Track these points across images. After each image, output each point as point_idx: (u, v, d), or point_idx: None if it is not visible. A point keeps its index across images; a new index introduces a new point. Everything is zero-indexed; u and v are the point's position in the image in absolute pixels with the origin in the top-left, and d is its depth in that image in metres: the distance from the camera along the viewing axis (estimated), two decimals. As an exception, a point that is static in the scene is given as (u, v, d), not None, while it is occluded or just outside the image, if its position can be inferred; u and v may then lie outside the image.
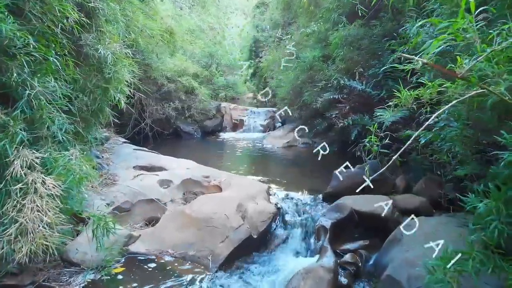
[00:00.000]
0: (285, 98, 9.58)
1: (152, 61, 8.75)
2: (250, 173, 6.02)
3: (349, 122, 5.55)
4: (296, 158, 7.52)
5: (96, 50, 4.06)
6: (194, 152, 8.02)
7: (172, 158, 5.85)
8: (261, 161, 7.00)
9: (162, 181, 4.81)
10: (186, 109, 9.70)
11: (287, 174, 5.99)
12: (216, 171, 5.34)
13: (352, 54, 6.46)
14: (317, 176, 5.72)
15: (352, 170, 4.53)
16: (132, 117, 9.14)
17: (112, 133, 6.94)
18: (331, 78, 6.62)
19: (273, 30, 13.21)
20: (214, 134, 10.81)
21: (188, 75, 9.59)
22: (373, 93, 5.71)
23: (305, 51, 8.31)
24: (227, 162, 7.11)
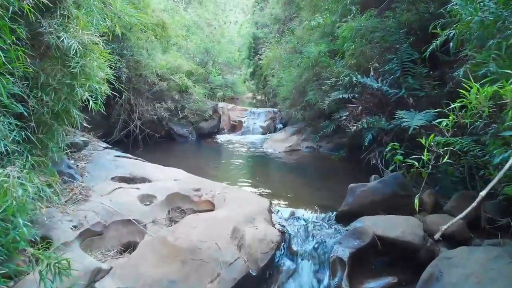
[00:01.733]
0: (287, 98, 8.83)
1: (142, 58, 7.98)
2: (248, 183, 5.26)
3: (363, 125, 4.78)
4: (301, 164, 6.76)
5: (60, 39, 3.30)
6: (187, 157, 7.27)
7: (158, 167, 5.09)
8: (261, 169, 6.24)
9: (143, 197, 4.05)
10: (179, 109, 8.93)
11: (291, 184, 5.23)
12: (208, 183, 4.58)
13: (365, 48, 5.70)
14: (327, 187, 4.96)
15: (371, 184, 3.78)
16: (120, 118, 8.39)
17: (93, 138, 6.17)
18: (341, 75, 5.86)
19: (273, 26, 12.44)
20: (211, 136, 10.05)
21: (182, 72, 8.82)
22: (390, 92, 4.95)
23: (309, 46, 7.55)
24: (223, 170, 6.35)
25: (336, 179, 5.39)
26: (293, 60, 8.77)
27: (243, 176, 5.66)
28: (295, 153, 7.68)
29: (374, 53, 5.70)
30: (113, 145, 8.15)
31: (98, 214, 3.63)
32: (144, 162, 5.43)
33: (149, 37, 8.50)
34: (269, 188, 4.91)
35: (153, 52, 8.15)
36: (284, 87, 8.73)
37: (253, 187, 5.07)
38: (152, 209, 3.86)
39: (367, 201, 3.68)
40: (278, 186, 5.07)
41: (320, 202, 4.26)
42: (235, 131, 11.00)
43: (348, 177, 5.46)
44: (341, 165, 6.27)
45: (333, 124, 6.34)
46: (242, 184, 5.22)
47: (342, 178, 5.44)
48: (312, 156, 7.46)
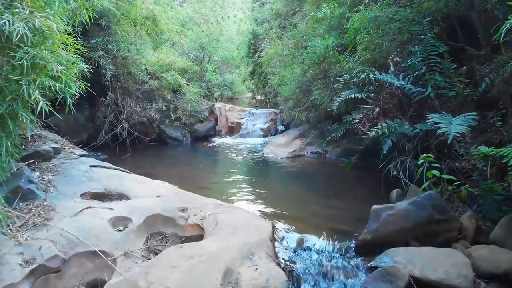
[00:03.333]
0: (290, 98, 8.08)
1: (130, 53, 7.21)
2: (246, 197, 4.49)
3: (384, 130, 4.02)
4: (306, 173, 6.00)
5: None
6: (179, 164, 6.51)
7: (140, 179, 4.33)
8: (262, 178, 5.48)
9: (117, 219, 3.28)
10: (172, 110, 8.16)
11: (297, 199, 4.46)
12: (198, 200, 3.82)
13: (381, 40, 4.94)
14: (340, 204, 4.20)
15: (401, 207, 3.01)
16: (106, 120, 7.63)
17: (69, 143, 5.40)
18: (353, 71, 5.10)
19: (274, 21, 11.69)
20: (207, 139, 9.29)
21: (175, 70, 8.05)
22: (414, 91, 4.19)
23: (314, 40, 6.79)
24: (218, 179, 5.58)
25: (350, 192, 4.63)
26: (296, 57, 8.03)
27: (240, 188, 4.90)
28: (299, 159, 6.92)
29: (392, 46, 4.95)
30: (98, 149, 7.41)
31: (57, 244, 2.87)
32: (125, 172, 4.67)
33: (138, 31, 7.75)
34: (271, 205, 4.15)
35: (142, 48, 7.39)
36: (286, 86, 7.98)
37: (252, 202, 4.31)
38: (126, 236, 3.09)
39: (396, 228, 2.92)
40: (282, 202, 4.30)
41: (334, 224, 3.50)
42: (233, 133, 10.25)
43: (363, 190, 4.71)
44: (352, 174, 5.51)
45: (343, 127, 5.58)
46: (239, 198, 4.46)
47: (356, 191, 4.69)
48: (318, 162, 6.70)
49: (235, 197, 4.47)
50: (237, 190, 4.80)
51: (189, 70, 8.36)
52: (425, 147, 4.30)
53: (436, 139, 4.09)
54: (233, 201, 4.29)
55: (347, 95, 5.12)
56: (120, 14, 7.38)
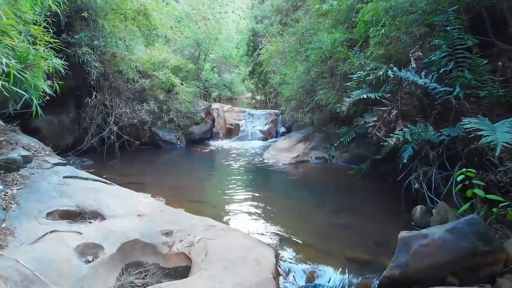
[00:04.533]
0: (292, 98, 7.49)
1: (118, 50, 6.61)
2: (244, 214, 3.88)
3: (406, 136, 3.43)
4: (311, 182, 5.40)
5: None
6: (170, 171, 5.91)
7: (122, 192, 3.75)
8: (262, 189, 4.86)
9: (85, 247, 2.70)
10: (165, 111, 7.56)
11: (303, 216, 3.86)
12: (187, 219, 3.23)
13: (398, 33, 4.35)
14: (354, 222, 3.60)
15: (437, 235, 2.42)
16: (93, 123, 7.02)
17: (43, 150, 4.79)
18: (366, 68, 4.51)
19: (275, 17, 11.09)
20: (203, 142, 8.69)
21: (167, 68, 7.46)
22: (440, 91, 3.60)
23: (319, 35, 6.19)
24: (212, 191, 4.97)
25: (363, 207, 4.04)
26: (299, 53, 7.43)
27: (237, 201, 4.30)
28: (303, 165, 6.33)
29: (410, 39, 4.36)
30: (84, 154, 6.81)
31: (8, 281, 2.29)
32: (106, 184, 4.08)
33: (127, 26, 7.15)
34: (273, 223, 3.55)
35: (132, 44, 6.78)
36: (288, 86, 7.39)
37: (250, 220, 3.71)
38: (94, 271, 2.50)
39: (430, 262, 2.33)
40: (286, 219, 3.70)
41: (349, 251, 2.90)
42: (231, 135, 9.65)
43: (378, 204, 4.12)
44: (364, 184, 4.92)
45: (353, 131, 4.98)
46: (236, 215, 3.85)
47: (370, 205, 4.09)
48: (323, 169, 6.10)
49: (231, 213, 3.87)
50: (233, 203, 4.20)
51: (183, 68, 7.77)
52: (452, 156, 3.71)
53: (466, 147, 3.51)
54: (228, 219, 3.68)
55: (358, 96, 4.52)
56: (109, 8, 6.80)
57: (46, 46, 4.01)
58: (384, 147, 3.52)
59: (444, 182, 3.59)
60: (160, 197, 4.23)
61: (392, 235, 3.18)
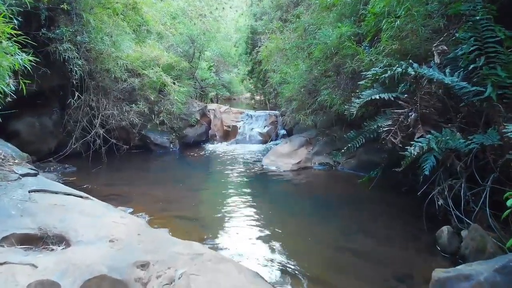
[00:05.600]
0: (293, 99, 6.95)
1: (104, 46, 6.06)
2: (240, 238, 3.31)
3: (432, 145, 2.89)
4: (316, 193, 4.84)
5: None
6: (159, 180, 5.34)
7: (96, 209, 3.20)
8: (261, 202, 4.29)
9: (39, 286, 2.15)
10: (156, 113, 7.02)
11: (309, 237, 3.31)
12: (169, 244, 2.69)
13: (415, 25, 3.81)
14: (367, 247, 3.05)
15: (482, 276, 1.88)
16: (78, 125, 6.48)
17: (11, 158, 4.25)
18: (378, 65, 3.97)
19: (275, 13, 10.55)
20: (198, 146, 8.15)
21: (159, 66, 6.92)
22: (469, 91, 3.06)
23: (324, 30, 5.65)
24: (204, 204, 4.38)
25: (377, 226, 3.50)
26: (302, 49, 6.90)
27: (232, 217, 3.75)
28: (305, 172, 5.78)
29: (429, 32, 3.83)
30: (67, 160, 6.26)
31: None
32: (81, 197, 3.53)
33: (115, 21, 6.60)
34: (273, 248, 3.01)
35: (119, 40, 6.23)
36: (289, 85, 6.85)
37: (247, 244, 3.16)
38: (45, 320, 1.96)
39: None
40: (288, 244, 3.14)
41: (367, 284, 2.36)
42: (229, 138, 9.11)
43: (395, 221, 3.58)
44: (375, 196, 4.39)
45: (362, 136, 4.45)
46: (230, 237, 3.30)
47: (385, 223, 3.56)
48: (328, 177, 5.56)
49: (224, 235, 3.32)
50: (227, 221, 3.65)
51: (176, 67, 7.22)
52: (481, 167, 3.18)
53: (500, 157, 2.97)
54: (220, 243, 3.13)
55: (369, 96, 3.99)
56: (95, 1, 6.25)
57: (11, 40, 3.48)
58: (405, 158, 2.98)
59: (474, 198, 3.06)
60: (144, 213, 3.69)
61: (416, 266, 2.65)
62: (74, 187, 4.88)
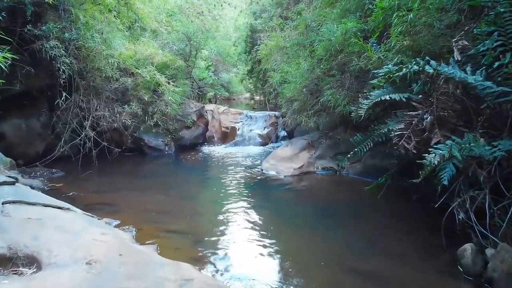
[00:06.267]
0: (294, 99, 6.62)
1: (94, 44, 5.72)
2: (236, 256, 2.95)
3: (454, 152, 2.55)
4: (320, 201, 4.49)
5: None
6: (151, 187, 4.97)
7: (74, 224, 2.86)
8: (260, 214, 3.87)
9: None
10: (150, 114, 6.68)
11: (315, 257, 2.97)
12: (154, 268, 2.36)
13: (430, 19, 3.48)
14: (384, 269, 2.70)
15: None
16: (68, 127, 6.13)
17: None
18: (389, 63, 3.64)
19: (275, 10, 10.21)
20: (194, 148, 7.81)
21: (153, 65, 6.58)
22: (494, 91, 2.73)
23: (327, 26, 5.31)
24: (197, 217, 3.91)
25: (389, 241, 3.15)
26: (304, 47, 6.57)
27: (228, 232, 3.38)
28: (308, 177, 5.45)
29: (443, 28, 3.50)
30: (56, 164, 5.90)
31: None
32: (59, 210, 3.18)
33: (107, 17, 6.27)
34: (274, 269, 2.67)
35: (110, 37, 5.89)
36: (290, 85, 6.52)
37: (244, 263, 2.82)
38: None
39: None
40: (292, 263, 2.77)
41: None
42: (227, 140, 8.78)
43: (408, 237, 3.24)
44: (383, 204, 4.07)
45: (370, 139, 4.11)
46: (225, 255, 2.96)
47: (398, 238, 3.21)
48: (332, 183, 5.23)
49: (219, 252, 2.97)
50: (223, 235, 3.31)
51: (171, 65, 6.88)
52: (505, 177, 2.85)
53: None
54: (214, 262, 2.77)
55: (378, 97, 3.65)
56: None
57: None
58: (424, 167, 2.65)
59: (500, 212, 2.73)
60: (131, 225, 3.34)
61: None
62: (59, 195, 4.55)
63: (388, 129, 3.56)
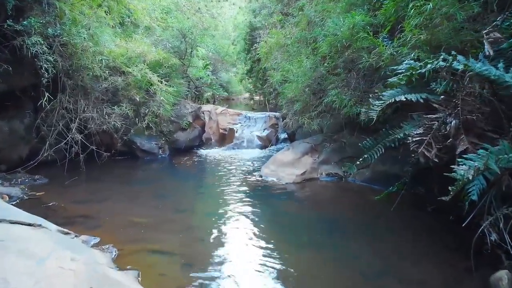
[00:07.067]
0: (296, 100, 6.20)
1: (79, 40, 5.30)
2: (232, 286, 2.55)
3: (491, 165, 2.14)
4: (325, 213, 4.06)
5: None
6: (140, 197, 4.53)
7: (41, 247, 2.46)
8: (259, 230, 3.42)
9: None
10: (142, 116, 6.26)
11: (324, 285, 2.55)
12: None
13: (452, 9, 3.07)
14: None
15: None
16: (53, 130, 5.71)
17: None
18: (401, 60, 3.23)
19: (275, 6, 9.79)
20: (190, 151, 7.39)
21: (145, 63, 6.16)
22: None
23: (333, 21, 4.89)
24: (188, 234, 3.38)
25: (408, 264, 2.73)
26: (304, 47, 6.16)
27: (224, 253, 2.95)
28: (311, 184, 5.03)
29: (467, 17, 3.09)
30: (39, 170, 5.44)
31: None
32: (29, 228, 2.78)
33: (95, 12, 5.85)
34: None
35: (97, 32, 5.47)
36: (292, 84, 6.10)
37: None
38: None
39: None
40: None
41: None
42: (225, 142, 8.36)
43: (428, 258, 2.82)
44: (398, 217, 3.66)
45: (381, 145, 3.70)
46: (218, 285, 2.53)
47: (417, 260, 2.79)
48: (338, 191, 4.81)
49: (212, 279, 2.55)
50: (217, 257, 2.88)
51: (165, 64, 6.46)
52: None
53: None
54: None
55: (392, 97, 3.24)
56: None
57: None
58: (456, 182, 2.23)
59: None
60: (112, 244, 2.92)
61: None
62: (38, 205, 4.13)
63: (404, 133, 3.14)
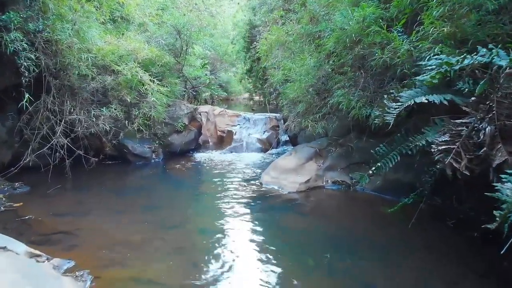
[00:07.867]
0: (299, 100, 5.78)
1: (64, 36, 4.88)
2: None
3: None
4: (334, 228, 3.62)
5: None
6: (127, 211, 4.07)
7: (1, 276, 2.02)
8: (260, 249, 3.00)
9: None
10: (133, 118, 5.84)
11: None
12: None
13: None
14: None
15: None
16: (37, 133, 5.30)
17: None
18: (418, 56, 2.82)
19: (276, 2, 9.37)
20: (185, 155, 6.97)
21: (137, 61, 5.74)
22: None
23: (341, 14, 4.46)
24: (176, 256, 2.87)
25: None
26: (307, 44, 5.74)
27: (216, 285, 2.54)
28: (316, 193, 4.60)
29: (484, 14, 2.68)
30: (21, 176, 5.00)
31: None
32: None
33: (83, 7, 5.43)
34: None
35: (83, 28, 5.04)
36: (294, 84, 5.68)
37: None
38: None
39: None
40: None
41: None
42: (223, 145, 7.94)
43: None
44: (416, 233, 3.24)
45: (397, 152, 3.28)
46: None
47: None
48: (346, 201, 4.38)
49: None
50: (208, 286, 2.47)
51: (158, 62, 6.04)
52: None
53: None
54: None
55: (411, 99, 2.82)
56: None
57: None
58: (504, 205, 1.81)
59: None
60: (88, 269, 2.50)
61: None
62: (13, 218, 3.71)
63: (427, 140, 2.72)
